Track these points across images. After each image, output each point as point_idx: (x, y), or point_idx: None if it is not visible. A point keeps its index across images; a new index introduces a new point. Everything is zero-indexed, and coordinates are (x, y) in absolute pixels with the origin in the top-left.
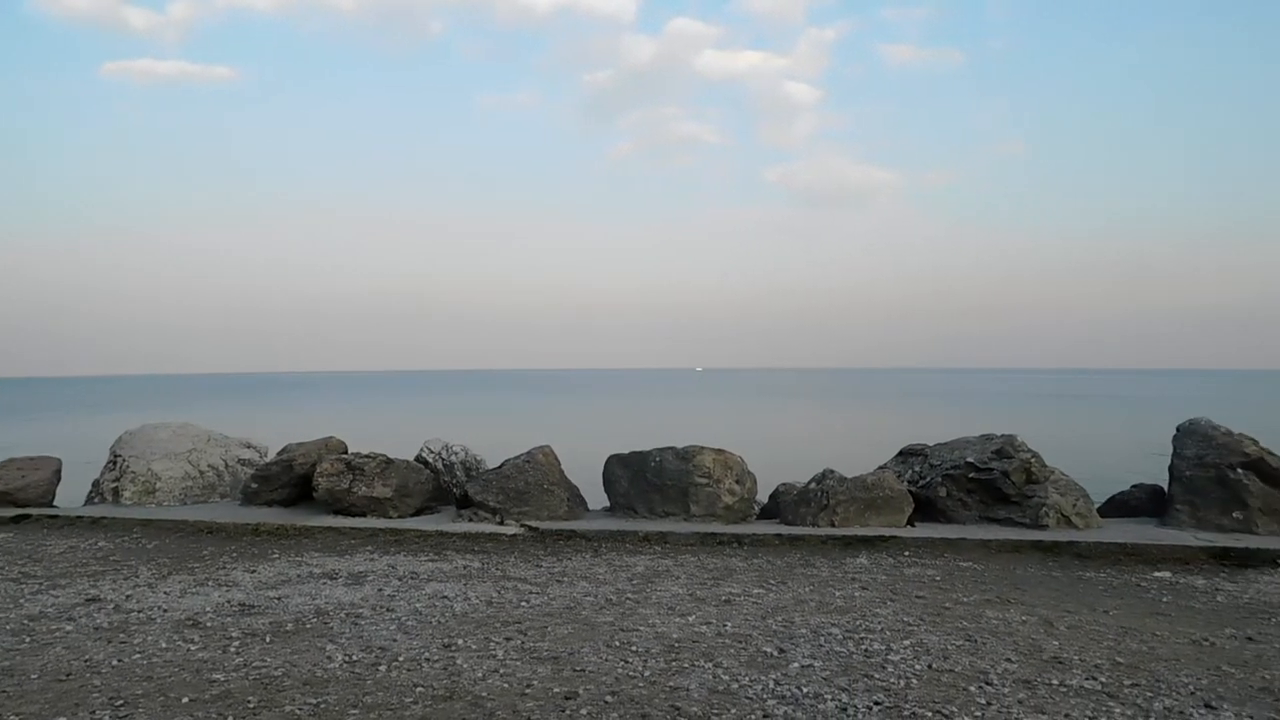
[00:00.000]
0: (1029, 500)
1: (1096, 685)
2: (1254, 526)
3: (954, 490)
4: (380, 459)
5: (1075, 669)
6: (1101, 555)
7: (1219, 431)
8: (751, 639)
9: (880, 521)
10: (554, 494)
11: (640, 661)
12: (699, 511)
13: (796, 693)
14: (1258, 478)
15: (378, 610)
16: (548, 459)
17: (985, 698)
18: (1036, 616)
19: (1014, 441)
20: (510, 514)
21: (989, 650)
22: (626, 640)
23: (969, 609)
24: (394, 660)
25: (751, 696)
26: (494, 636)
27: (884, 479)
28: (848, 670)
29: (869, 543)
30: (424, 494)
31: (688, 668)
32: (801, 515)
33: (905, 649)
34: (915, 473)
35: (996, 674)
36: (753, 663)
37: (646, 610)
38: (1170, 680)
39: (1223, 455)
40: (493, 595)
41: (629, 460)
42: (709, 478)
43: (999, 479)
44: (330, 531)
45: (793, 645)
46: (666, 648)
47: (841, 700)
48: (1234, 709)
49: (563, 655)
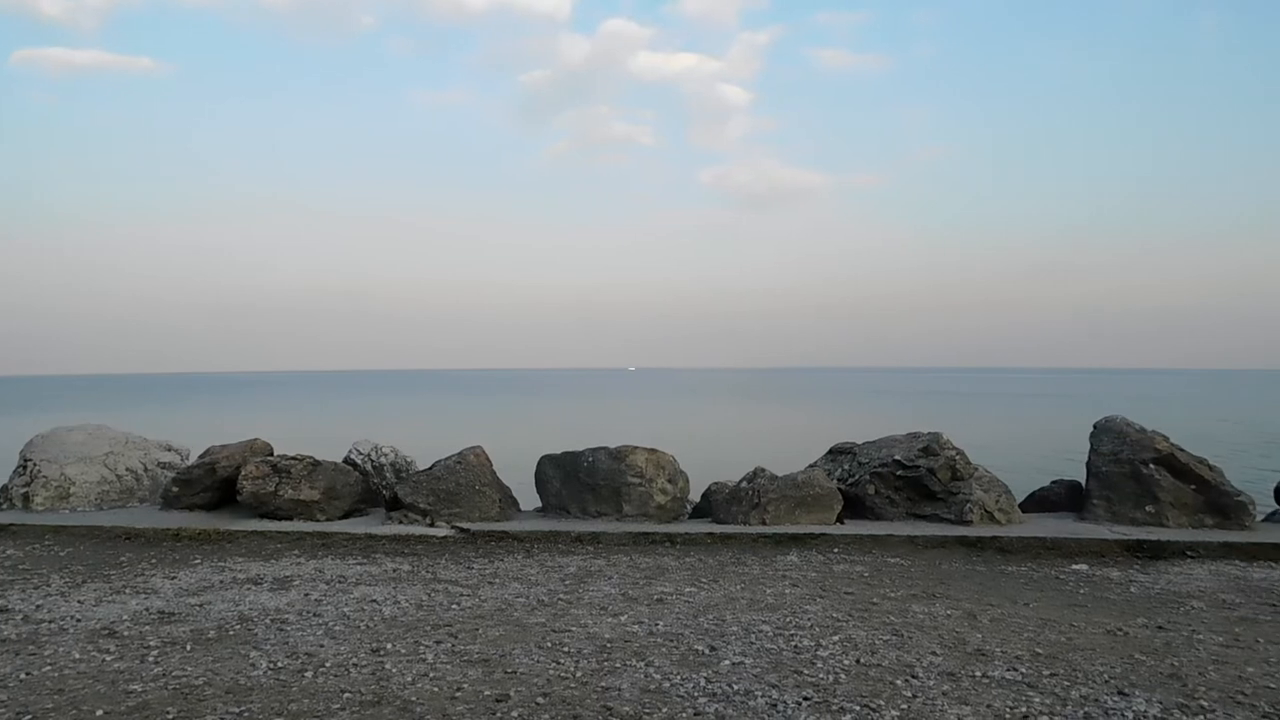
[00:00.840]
0: (954, 497)
1: (1017, 676)
2: (1165, 519)
3: (882, 488)
4: (307, 461)
5: (997, 660)
6: (1023, 549)
7: (1132, 429)
8: (683, 637)
9: (810, 519)
10: (485, 495)
11: (572, 662)
12: (631, 511)
13: (728, 690)
14: (1168, 473)
15: (304, 615)
16: (479, 460)
17: (911, 690)
18: (961, 610)
19: (940, 439)
20: (441, 516)
21: (915, 644)
22: (559, 641)
23: (896, 604)
24: (320, 666)
25: (683, 695)
26: (424, 640)
27: (814, 477)
28: (778, 667)
29: (799, 540)
30: (353, 496)
31: (620, 668)
32: (733, 514)
33: (834, 644)
34: (844, 471)
35: (922, 667)
36: (684, 661)
37: (579, 611)
38: (1086, 669)
39: (1136, 451)
40: (423, 598)
41: (561, 460)
42: (641, 477)
43: (925, 476)
44: (255, 535)
45: (724, 643)
46: (599, 648)
47: (772, 697)
48: (1145, 695)
49: (494, 657)
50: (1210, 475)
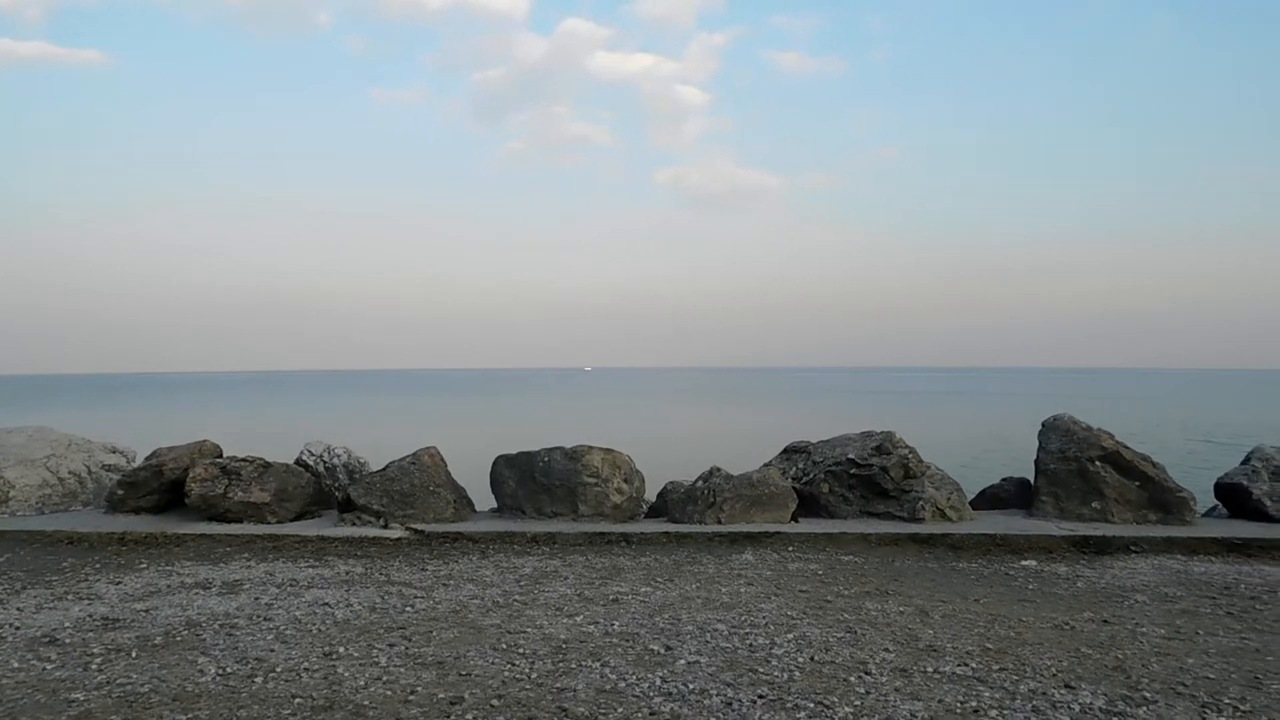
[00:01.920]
0: (907, 495)
1: (968, 671)
2: (1110, 515)
3: (836, 486)
4: (258, 462)
5: (948, 656)
6: (973, 546)
7: (1079, 426)
8: (639, 637)
9: (765, 518)
10: (440, 496)
11: (527, 663)
12: (587, 511)
13: (683, 689)
14: (1114, 469)
15: (254, 620)
16: (433, 460)
17: (864, 687)
18: (913, 607)
19: (893, 438)
20: (395, 517)
21: (868, 641)
22: (513, 642)
23: (850, 601)
24: (271, 671)
25: (638, 695)
26: (377, 643)
27: (769, 476)
28: (733, 665)
29: (754, 539)
30: (304, 498)
31: (575, 668)
32: (689, 513)
33: (789, 642)
34: (799, 469)
35: (875, 664)
36: (640, 661)
37: (534, 612)
38: (1034, 663)
39: (1083, 449)
40: (376, 601)
41: (516, 461)
42: (597, 477)
43: (879, 475)
44: (204, 539)
45: (679, 642)
46: (554, 649)
47: (727, 695)
48: (1090, 688)
49: (448, 660)
50: (1154, 472)
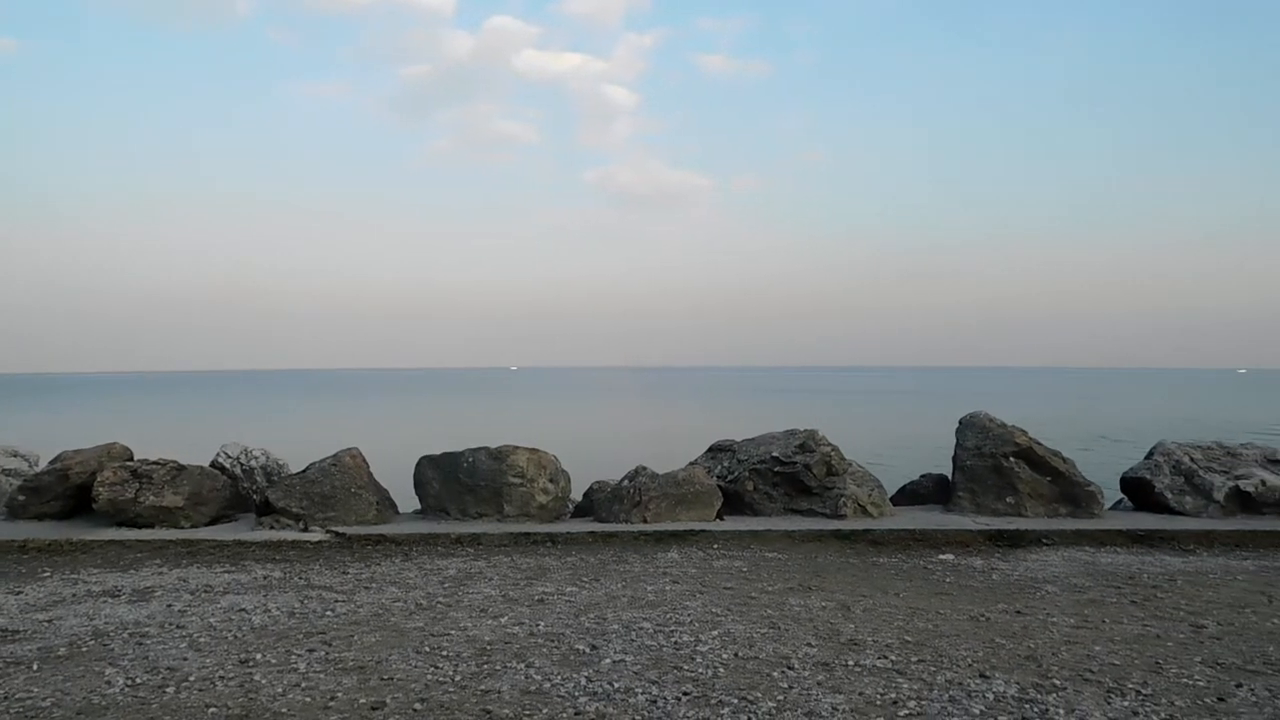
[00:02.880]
0: (829, 492)
1: (887, 663)
2: (1024, 510)
3: (760, 484)
4: (170, 465)
5: (869, 649)
6: (893, 541)
7: (995, 423)
8: (564, 637)
9: (691, 516)
10: (362, 498)
11: (451, 666)
12: (513, 511)
13: (608, 688)
14: (1027, 465)
15: (166, 628)
16: (355, 461)
17: (787, 682)
18: (835, 602)
19: (815, 436)
20: (315, 520)
21: (791, 636)
22: (437, 645)
23: (773, 597)
24: (184, 681)
25: (563, 695)
26: (296, 649)
27: (694, 475)
28: (658, 663)
29: (680, 537)
30: (220, 501)
31: (500, 670)
32: (615, 512)
33: (713, 639)
34: (724, 468)
35: (798, 658)
36: (565, 661)
37: (458, 613)
38: (951, 654)
39: (998, 445)
40: (295, 605)
41: (441, 461)
42: (523, 477)
43: (802, 472)
44: (113, 545)
45: (605, 641)
46: (478, 651)
47: (652, 693)
48: (1004, 677)
49: (369, 664)
50: (1064, 467)
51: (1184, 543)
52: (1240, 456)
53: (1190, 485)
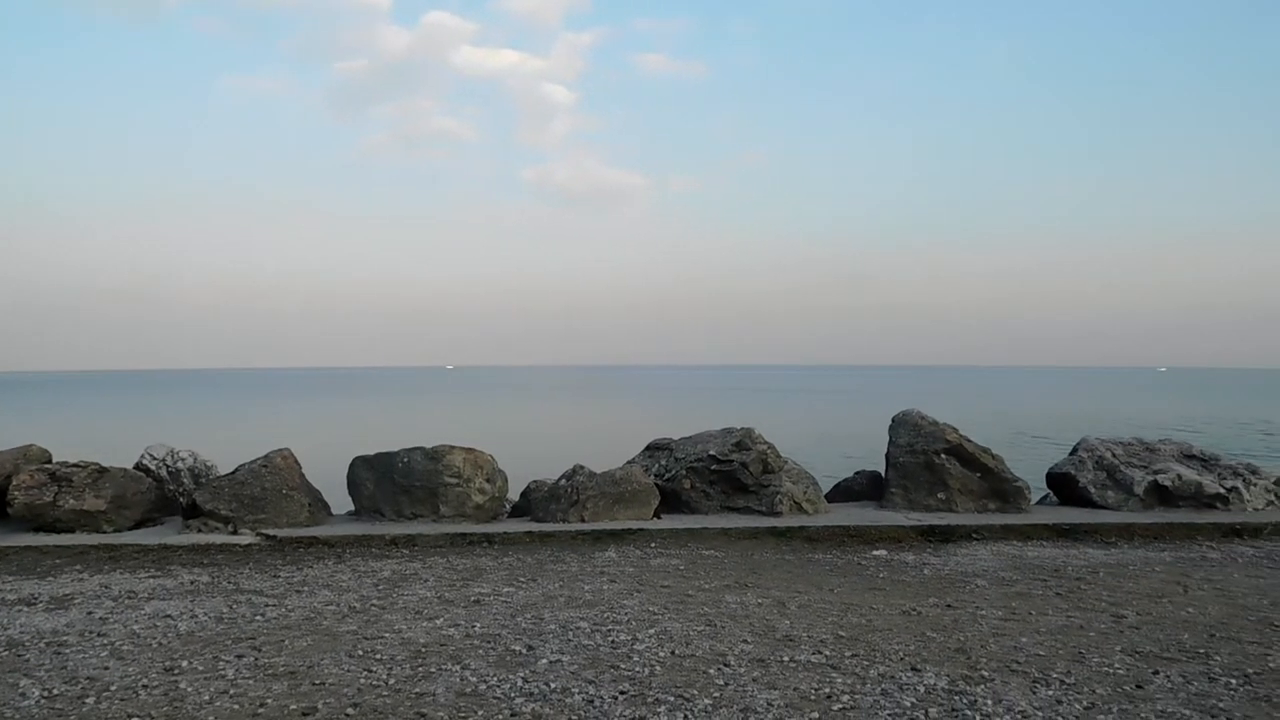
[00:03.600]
0: (765, 489)
1: (822, 658)
2: (954, 505)
3: (697, 482)
4: (92, 468)
5: (804, 645)
6: (828, 538)
7: (926, 421)
8: (500, 638)
9: (628, 515)
10: (294, 499)
11: (384, 669)
12: (449, 512)
13: (544, 689)
14: (958, 462)
15: (86, 636)
16: (287, 462)
17: (724, 679)
18: (771, 598)
19: (752, 434)
20: (245, 522)
21: (728, 633)
22: (370, 648)
23: (710, 595)
24: (104, 691)
25: (499, 696)
26: (224, 655)
27: (631, 473)
28: (595, 663)
29: (617, 536)
30: (145, 505)
31: (435, 672)
32: (552, 512)
33: (650, 638)
34: (661, 466)
35: (734, 655)
36: (501, 662)
37: (392, 616)
38: (884, 649)
39: (929, 442)
40: (223, 610)
41: (375, 461)
42: (459, 477)
43: (738, 470)
44: (29, 551)
45: (542, 642)
46: (413, 653)
47: (589, 693)
48: (935, 669)
49: (300, 669)
50: (993, 463)
51: (1106, 536)
52: (1158, 452)
53: (1112, 480)
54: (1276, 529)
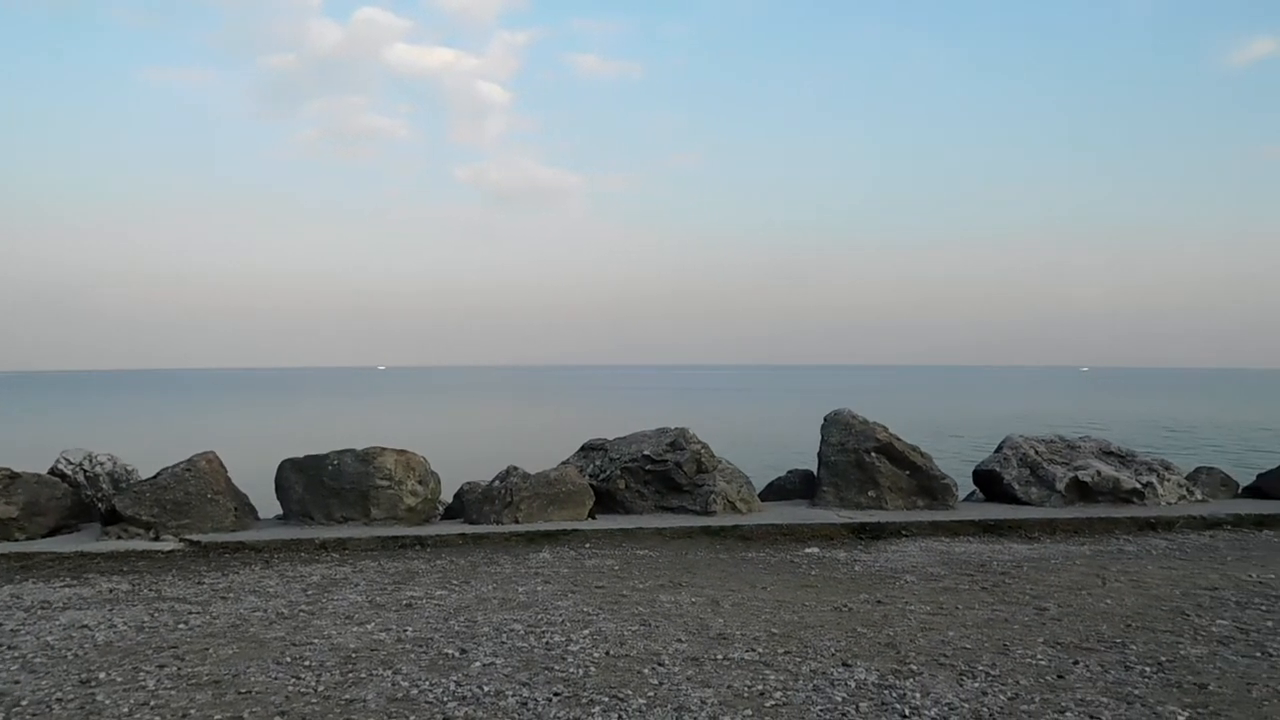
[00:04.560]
0: (699, 489)
1: (755, 656)
2: (885, 503)
3: (632, 482)
4: (3, 474)
5: (737, 643)
6: (761, 536)
7: (857, 420)
8: (433, 642)
9: (563, 516)
10: (219, 504)
11: (313, 676)
12: (380, 515)
13: (478, 692)
14: (888, 460)
15: None
16: (211, 466)
17: (657, 678)
18: (704, 597)
19: (686, 434)
20: (167, 528)
21: (662, 633)
22: (299, 655)
23: (644, 595)
24: (15, 705)
25: (431, 700)
26: (144, 665)
27: (566, 474)
28: (529, 665)
29: (552, 537)
30: (60, 511)
31: (365, 678)
32: (486, 513)
33: (584, 638)
34: (596, 466)
35: (668, 654)
36: (434, 666)
37: (321, 621)
38: (816, 645)
39: (860, 441)
40: (144, 619)
41: (304, 464)
42: (390, 479)
43: (673, 470)
44: None
45: (475, 645)
46: (343, 659)
47: (522, 695)
48: (865, 665)
49: (225, 678)
50: (922, 461)
51: (1030, 531)
52: (1079, 449)
53: (1035, 477)
54: (1188, 522)
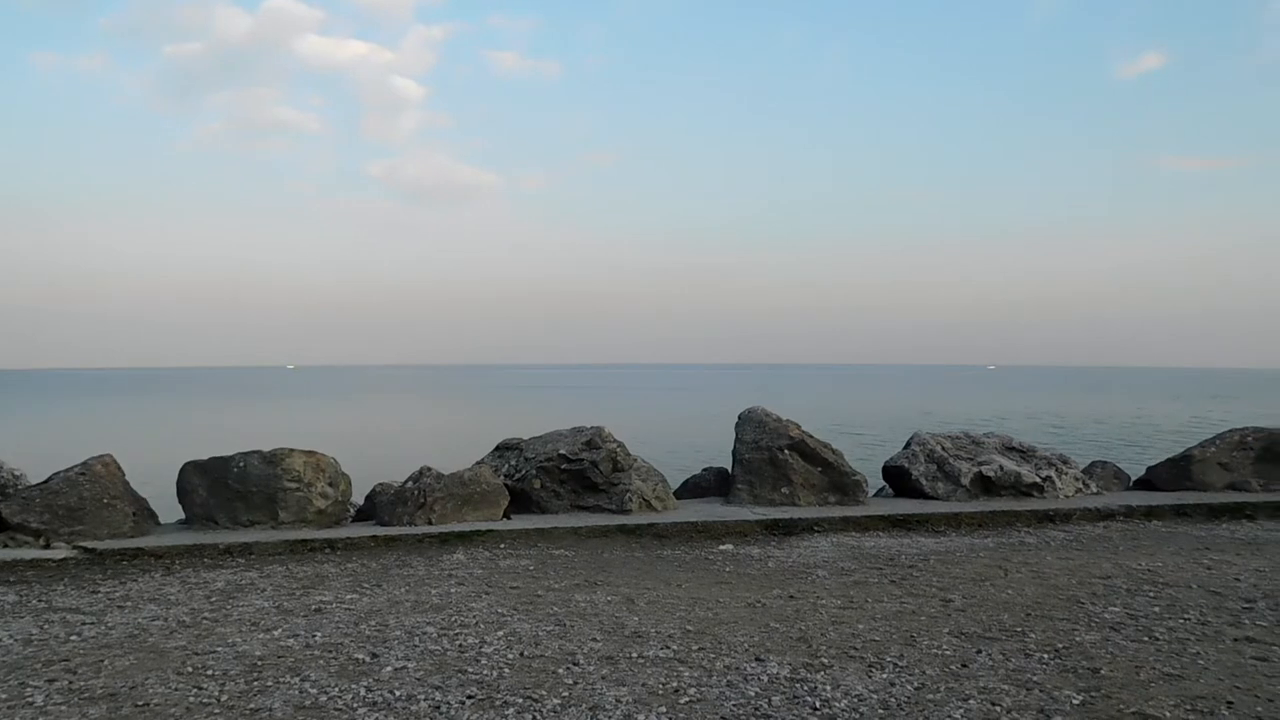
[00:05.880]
0: (615, 488)
1: (669, 653)
2: (797, 499)
3: (548, 481)
4: None
5: (652, 641)
6: (677, 534)
7: (770, 418)
8: (343, 647)
9: (477, 516)
10: (116, 509)
11: (216, 686)
12: (288, 518)
13: (389, 697)
14: (800, 457)
15: None
16: (108, 470)
17: (572, 678)
18: (620, 596)
19: (602, 433)
20: (60, 535)
21: (577, 632)
22: (201, 664)
23: (560, 595)
24: None
25: (341, 707)
26: (32, 680)
27: (481, 474)
28: (442, 668)
29: (466, 538)
30: None
31: (271, 686)
32: (398, 515)
33: (499, 640)
34: (511, 466)
35: (583, 654)
36: (344, 672)
37: (226, 629)
38: (730, 641)
39: (773, 438)
40: (33, 631)
41: (208, 467)
42: (299, 481)
43: (589, 469)
44: None
45: (386, 649)
46: (248, 667)
47: (435, 699)
48: (778, 659)
49: (121, 690)
50: (833, 458)
51: (936, 525)
52: (983, 444)
53: (942, 472)
54: (1084, 514)
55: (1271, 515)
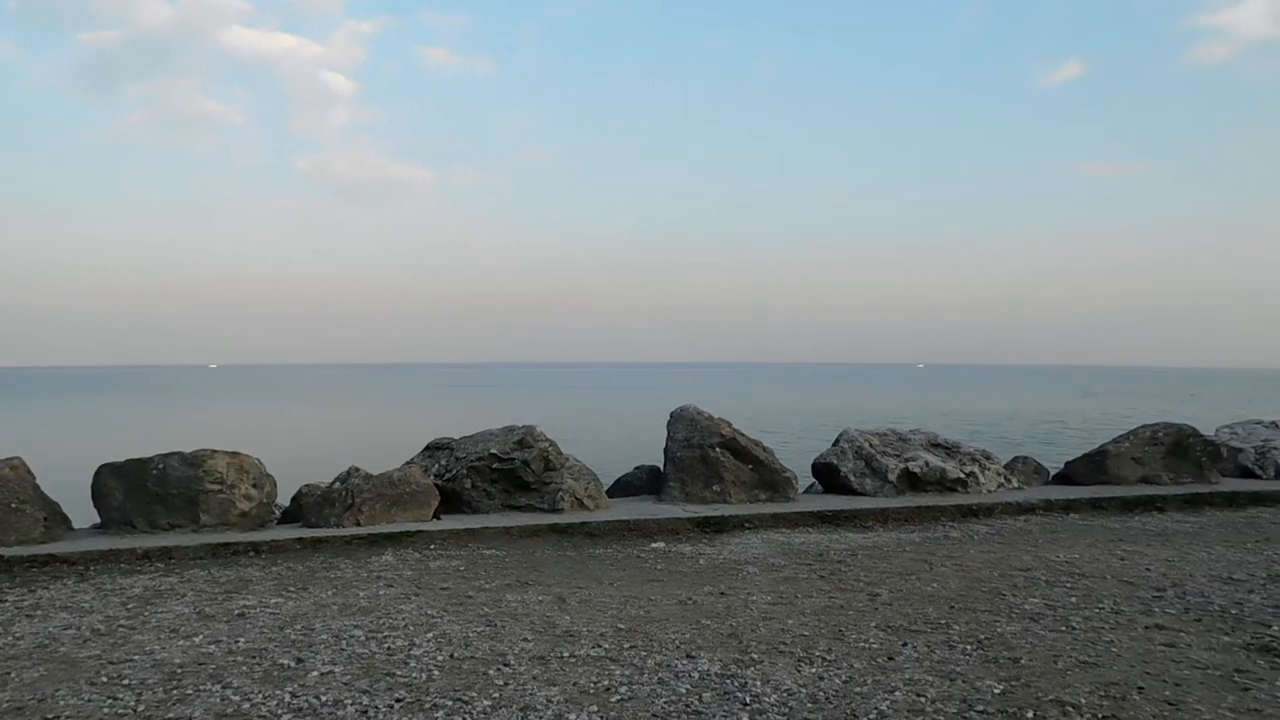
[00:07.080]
0: (547, 487)
1: (601, 652)
2: (729, 497)
3: (479, 481)
4: None
5: (584, 640)
6: (609, 533)
7: (702, 416)
8: (267, 652)
9: (406, 517)
10: (25, 514)
11: (133, 695)
12: (210, 521)
13: (315, 703)
14: (731, 455)
15: None
16: (17, 473)
17: (503, 679)
18: (551, 595)
19: (534, 432)
20: None
21: (508, 632)
22: (117, 674)
23: (490, 595)
24: None
25: (265, 714)
26: None
27: (410, 474)
28: (369, 671)
29: (395, 539)
30: None
31: (191, 694)
32: (325, 516)
33: (428, 642)
34: (442, 466)
35: (514, 654)
36: (267, 678)
37: (144, 636)
38: (661, 638)
39: (705, 436)
40: None
41: (125, 469)
42: (221, 483)
43: (520, 468)
44: None
45: (312, 653)
46: (167, 675)
47: (362, 703)
48: (709, 655)
49: (30, 703)
50: (764, 456)
51: (864, 521)
52: (910, 441)
53: (870, 469)
54: (1006, 508)
55: (1180, 507)
